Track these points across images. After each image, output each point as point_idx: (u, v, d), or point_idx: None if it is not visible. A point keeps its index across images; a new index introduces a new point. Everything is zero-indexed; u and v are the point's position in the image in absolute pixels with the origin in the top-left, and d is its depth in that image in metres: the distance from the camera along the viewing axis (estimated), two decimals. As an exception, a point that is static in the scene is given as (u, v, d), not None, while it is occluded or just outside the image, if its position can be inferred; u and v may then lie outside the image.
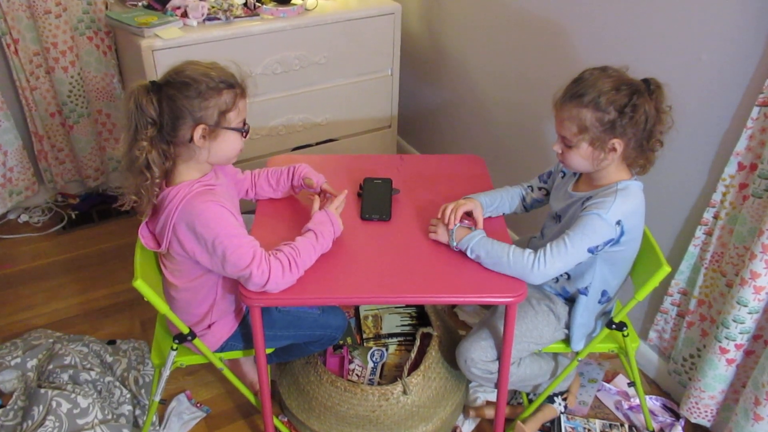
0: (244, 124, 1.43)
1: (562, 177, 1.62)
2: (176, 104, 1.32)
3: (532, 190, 1.72)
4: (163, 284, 1.53)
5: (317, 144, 2.63)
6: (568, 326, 1.63)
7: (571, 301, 1.62)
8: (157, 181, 1.37)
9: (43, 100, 2.54)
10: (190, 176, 1.41)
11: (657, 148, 1.45)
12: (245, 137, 1.43)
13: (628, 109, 1.35)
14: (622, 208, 1.40)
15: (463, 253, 1.49)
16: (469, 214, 1.58)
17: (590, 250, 1.42)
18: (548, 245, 1.42)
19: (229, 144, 1.40)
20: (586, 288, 1.56)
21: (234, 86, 1.37)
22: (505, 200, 1.68)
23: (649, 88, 1.39)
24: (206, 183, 1.42)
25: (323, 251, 1.46)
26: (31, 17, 2.36)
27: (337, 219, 1.51)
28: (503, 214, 1.69)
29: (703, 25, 1.57)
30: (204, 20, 2.23)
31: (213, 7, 2.29)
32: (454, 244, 1.49)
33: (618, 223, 1.41)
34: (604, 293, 1.57)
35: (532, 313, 1.62)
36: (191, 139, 1.35)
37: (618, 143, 1.38)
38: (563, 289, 1.62)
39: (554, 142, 1.47)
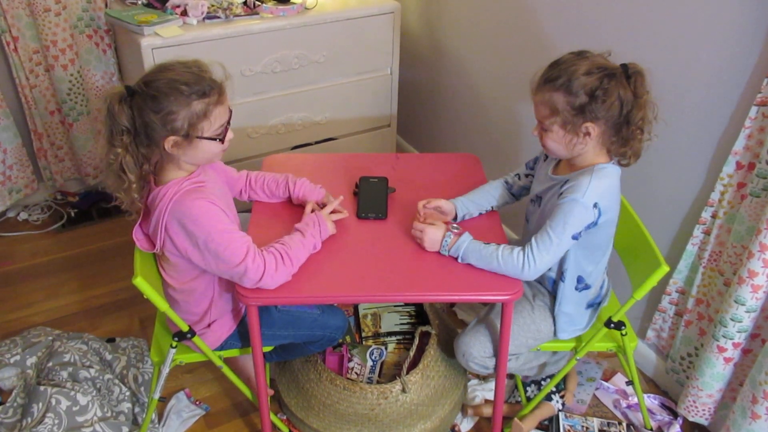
0: (224, 128, 1.40)
1: (545, 159, 1.63)
2: (145, 117, 1.31)
3: (519, 178, 1.72)
4: (162, 284, 1.54)
5: (316, 143, 2.63)
6: None
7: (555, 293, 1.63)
8: (134, 185, 1.36)
9: (42, 98, 2.54)
10: (177, 175, 1.41)
11: (638, 136, 1.42)
12: (223, 143, 1.41)
13: (599, 93, 1.34)
14: (598, 190, 1.40)
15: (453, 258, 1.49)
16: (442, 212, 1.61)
17: (574, 237, 1.42)
18: (533, 240, 1.43)
19: (204, 151, 1.38)
20: (563, 273, 1.56)
21: (207, 94, 1.33)
22: (487, 194, 1.69)
23: (627, 73, 1.38)
24: (195, 180, 1.41)
25: (312, 251, 1.47)
26: (31, 15, 2.36)
27: (326, 221, 1.51)
28: (492, 207, 1.69)
29: (702, 25, 1.58)
30: (204, 19, 2.23)
31: (213, 5, 2.29)
32: (446, 252, 1.49)
33: (595, 205, 1.40)
34: (580, 279, 1.57)
35: (530, 308, 1.63)
36: (164, 148, 1.35)
37: (591, 127, 1.37)
38: (546, 278, 1.62)
39: (534, 127, 1.48)
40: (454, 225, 1.53)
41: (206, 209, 1.36)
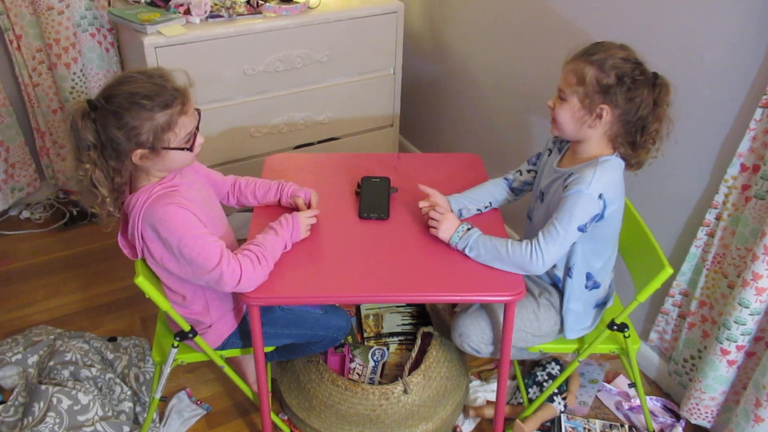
0: (192, 136, 1.37)
1: (549, 155, 1.64)
2: (109, 133, 1.29)
3: (521, 174, 1.73)
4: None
5: (319, 142, 2.62)
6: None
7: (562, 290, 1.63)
8: (107, 199, 1.34)
9: (45, 96, 2.54)
10: (148, 181, 1.39)
11: (649, 146, 1.45)
12: (192, 151, 1.38)
13: (627, 80, 1.37)
14: (603, 181, 1.41)
15: (461, 252, 1.49)
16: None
17: (580, 229, 1.43)
18: (540, 234, 1.44)
19: (173, 160, 1.36)
20: (570, 269, 1.56)
21: (170, 105, 1.30)
22: (484, 190, 1.69)
23: (655, 81, 1.41)
24: (167, 185, 1.39)
25: (285, 249, 1.46)
26: (34, 13, 2.36)
27: (301, 225, 1.50)
28: (490, 203, 1.69)
29: (705, 26, 1.57)
30: (207, 17, 2.22)
31: (216, 4, 2.29)
32: (457, 240, 1.49)
33: (600, 196, 1.42)
34: (589, 276, 1.57)
35: (534, 304, 1.63)
36: (132, 161, 1.33)
37: (606, 110, 1.39)
38: (554, 276, 1.62)
39: (550, 99, 1.50)
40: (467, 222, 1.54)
41: (177, 214, 1.34)
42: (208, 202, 1.51)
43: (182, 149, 1.35)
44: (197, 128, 1.39)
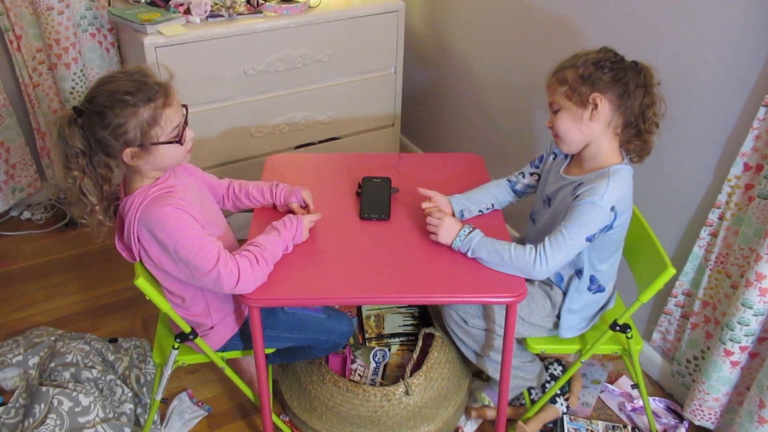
0: (180, 129, 1.36)
1: (554, 159, 1.62)
2: (96, 135, 1.28)
3: (524, 176, 1.72)
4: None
5: (320, 142, 2.62)
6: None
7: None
8: (97, 208, 1.34)
9: (45, 96, 2.54)
10: (144, 183, 1.38)
11: (653, 129, 1.46)
12: (182, 144, 1.37)
13: (605, 63, 1.40)
14: (615, 193, 1.41)
15: (463, 253, 1.49)
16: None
17: (588, 239, 1.42)
18: (546, 239, 1.43)
19: (165, 156, 1.35)
20: (576, 271, 1.56)
21: (152, 99, 1.29)
22: (487, 191, 1.68)
23: (636, 67, 1.43)
24: (162, 186, 1.38)
25: (286, 251, 1.46)
26: (34, 13, 2.35)
27: (304, 227, 1.49)
28: (492, 204, 1.68)
29: (709, 25, 1.56)
30: (207, 17, 2.22)
31: (216, 4, 2.28)
32: (459, 244, 1.48)
33: (612, 209, 1.41)
34: (593, 280, 1.57)
35: (532, 290, 1.61)
36: (124, 161, 1.32)
37: (599, 98, 1.39)
38: (557, 276, 1.61)
39: (547, 121, 1.50)
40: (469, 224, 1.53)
41: (173, 215, 1.33)
42: (205, 204, 1.51)
43: (172, 143, 1.34)
44: (186, 122, 1.38)
